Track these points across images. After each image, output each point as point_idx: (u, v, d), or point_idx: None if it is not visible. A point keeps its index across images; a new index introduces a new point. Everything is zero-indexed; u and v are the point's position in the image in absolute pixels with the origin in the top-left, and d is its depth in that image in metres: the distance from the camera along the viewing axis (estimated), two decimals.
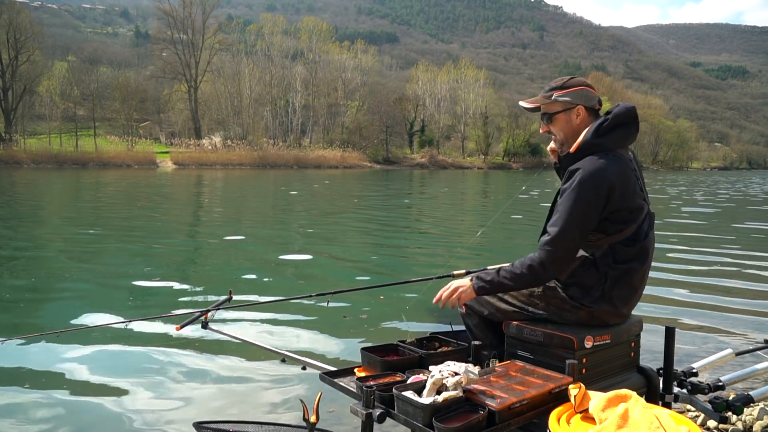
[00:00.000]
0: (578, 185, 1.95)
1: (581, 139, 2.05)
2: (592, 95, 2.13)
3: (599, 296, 2.00)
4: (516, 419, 1.63)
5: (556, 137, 2.17)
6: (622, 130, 2.05)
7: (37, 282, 6.33)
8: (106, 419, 3.01)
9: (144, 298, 5.64)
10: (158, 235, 10.35)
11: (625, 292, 2.03)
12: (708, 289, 6.27)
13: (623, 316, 2.09)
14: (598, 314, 2.03)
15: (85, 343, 4.21)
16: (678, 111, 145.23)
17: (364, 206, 17.31)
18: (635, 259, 2.02)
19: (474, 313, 2.24)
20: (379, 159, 64.21)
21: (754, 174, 79.33)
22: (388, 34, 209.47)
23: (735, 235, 11.32)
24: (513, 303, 2.13)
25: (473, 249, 9.60)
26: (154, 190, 23.56)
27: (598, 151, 2.00)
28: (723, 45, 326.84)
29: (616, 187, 1.95)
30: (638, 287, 2.08)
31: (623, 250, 2.01)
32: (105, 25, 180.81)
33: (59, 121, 55.71)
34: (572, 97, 2.10)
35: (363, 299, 5.53)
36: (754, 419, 2.97)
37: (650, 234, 2.07)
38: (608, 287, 2.00)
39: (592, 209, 1.94)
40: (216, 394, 3.33)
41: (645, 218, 2.05)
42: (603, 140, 2.02)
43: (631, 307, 2.11)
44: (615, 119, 2.04)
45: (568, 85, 2.13)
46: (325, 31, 79.85)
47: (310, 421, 1.84)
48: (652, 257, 2.11)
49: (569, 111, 2.11)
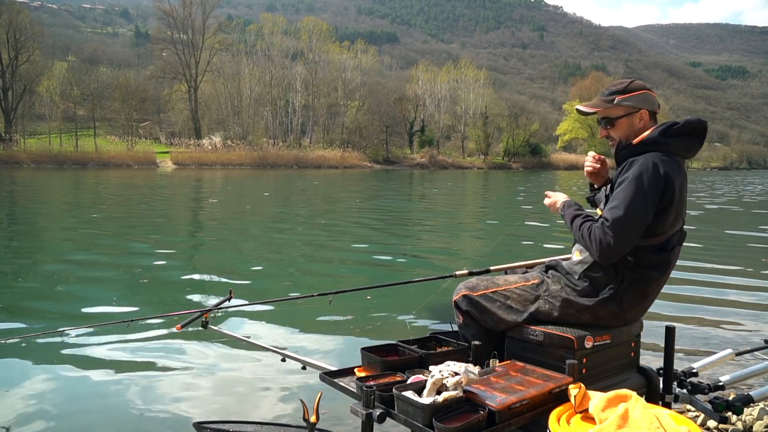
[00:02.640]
0: (641, 175, 1.92)
1: (647, 134, 2.04)
2: (653, 99, 2.12)
3: (610, 296, 1.99)
4: (516, 419, 1.63)
5: (614, 141, 2.15)
6: (687, 139, 2.04)
7: (37, 281, 6.32)
8: (105, 419, 3.01)
9: (144, 297, 5.63)
10: (158, 235, 10.35)
11: (637, 298, 2.01)
12: (708, 289, 6.27)
13: (626, 319, 2.06)
14: (602, 315, 2.01)
15: (84, 342, 4.21)
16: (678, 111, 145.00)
17: (353, 208, 17.30)
18: (656, 267, 2.00)
19: (473, 323, 2.19)
20: (379, 159, 64.17)
21: (754, 174, 79.28)
22: (388, 34, 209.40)
23: (735, 235, 11.31)
24: (517, 310, 2.09)
25: (475, 249, 9.61)
26: (154, 190, 23.56)
27: (660, 150, 1.99)
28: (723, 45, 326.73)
29: (673, 187, 1.93)
30: (650, 296, 2.06)
31: (648, 256, 1.99)
32: (105, 25, 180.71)
33: (59, 121, 55.68)
34: (635, 102, 2.08)
35: (363, 299, 5.52)
36: (754, 419, 2.97)
37: (677, 249, 2.05)
38: (622, 289, 1.98)
39: (650, 201, 1.91)
40: (216, 394, 3.33)
41: (678, 231, 2.04)
42: (668, 141, 2.01)
43: (637, 313, 2.08)
44: (687, 125, 2.03)
45: (630, 89, 2.11)
46: (325, 31, 79.77)
47: (310, 421, 1.84)
48: (671, 271, 2.09)
49: (632, 115, 2.09)
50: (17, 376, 3.57)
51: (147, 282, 6.30)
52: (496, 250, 8.72)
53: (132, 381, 3.51)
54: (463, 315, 2.20)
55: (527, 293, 2.10)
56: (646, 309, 2.11)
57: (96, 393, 3.35)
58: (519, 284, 2.14)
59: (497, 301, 2.11)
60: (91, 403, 3.21)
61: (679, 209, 1.99)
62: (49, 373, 3.64)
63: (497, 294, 2.12)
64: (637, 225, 1.90)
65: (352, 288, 3.23)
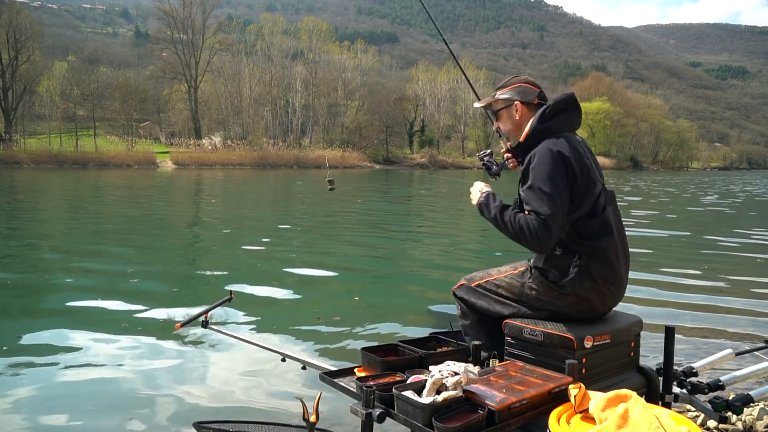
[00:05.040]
0: (538, 163, 2.05)
1: (528, 128, 2.19)
2: (529, 91, 2.27)
3: (577, 273, 2.04)
4: (516, 419, 1.63)
5: (504, 133, 2.35)
6: (565, 115, 2.18)
7: (37, 281, 6.33)
8: (104, 418, 3.01)
9: (144, 297, 5.63)
10: (158, 235, 10.35)
11: (603, 268, 2.05)
12: (708, 289, 6.27)
13: (611, 296, 2.09)
14: (585, 295, 2.04)
15: (84, 342, 4.21)
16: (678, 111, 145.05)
17: (354, 209, 17.30)
18: (599, 233, 2.07)
19: (470, 310, 2.29)
20: (379, 159, 64.17)
21: (754, 174, 79.28)
22: (388, 34, 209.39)
23: (736, 235, 11.32)
24: (507, 297, 2.18)
25: (472, 251, 9.61)
26: (154, 190, 23.56)
27: (547, 136, 2.12)
28: (723, 45, 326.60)
29: (570, 161, 2.04)
30: (616, 263, 2.09)
31: (584, 225, 2.07)
32: (105, 25, 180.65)
33: (59, 121, 55.65)
34: (511, 94, 2.28)
35: (362, 299, 5.53)
36: (754, 419, 2.97)
37: (609, 209, 2.12)
38: (584, 263, 2.04)
39: (562, 183, 2.02)
40: (216, 394, 3.33)
41: (600, 194, 2.12)
42: (548, 125, 2.15)
43: (617, 287, 2.11)
44: (556, 105, 2.17)
45: (508, 83, 2.32)
46: (325, 31, 79.77)
47: (310, 421, 1.84)
48: (622, 234, 2.16)
49: (509, 107, 2.28)
50: (16, 376, 3.57)
51: (147, 281, 6.30)
52: (496, 249, 8.73)
53: (132, 380, 3.51)
54: (460, 304, 2.32)
55: (515, 281, 2.19)
56: (622, 282, 2.13)
57: (95, 392, 3.35)
58: (508, 273, 2.23)
59: (490, 290, 2.23)
60: (90, 403, 3.21)
61: (585, 176, 2.07)
62: (48, 373, 3.64)
63: (489, 283, 2.24)
64: (562, 210, 2.01)
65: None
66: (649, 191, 28.25)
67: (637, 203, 19.89)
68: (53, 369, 3.71)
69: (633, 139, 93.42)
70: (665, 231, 11.72)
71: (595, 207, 2.08)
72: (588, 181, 2.07)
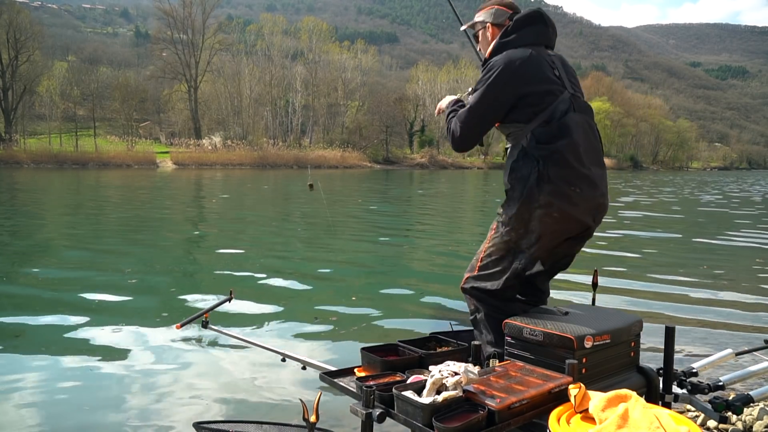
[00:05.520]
0: (487, 71, 2.15)
1: (492, 44, 2.27)
2: (500, 12, 2.33)
3: (536, 179, 2.06)
4: (516, 419, 1.63)
5: (482, 55, 2.38)
6: (529, 29, 2.22)
7: (35, 280, 6.32)
8: (104, 418, 3.01)
9: (144, 296, 5.63)
10: (159, 235, 10.35)
11: (563, 170, 2.06)
12: (708, 289, 6.27)
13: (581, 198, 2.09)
14: (548, 200, 2.05)
15: (83, 341, 4.21)
16: (678, 111, 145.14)
17: (354, 209, 17.30)
18: (556, 136, 2.08)
19: (481, 304, 2.27)
20: (379, 159, 64.20)
21: (754, 175, 79.29)
22: (388, 34, 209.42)
23: (735, 235, 11.31)
24: (502, 257, 2.22)
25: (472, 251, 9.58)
26: (154, 190, 23.56)
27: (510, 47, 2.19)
28: (723, 45, 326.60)
29: (521, 69, 2.09)
30: (578, 165, 2.08)
31: (542, 131, 2.10)
32: (105, 25, 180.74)
33: (59, 121, 55.72)
34: (484, 17, 2.36)
35: (362, 299, 5.53)
36: (754, 419, 2.97)
37: (573, 115, 2.12)
38: (542, 168, 2.06)
39: (501, 90, 2.10)
40: (216, 394, 3.33)
41: (560, 102, 2.13)
42: (509, 39, 2.21)
43: (586, 188, 2.10)
44: (516, 23, 2.23)
45: (483, 6, 2.39)
46: (325, 31, 79.83)
47: (310, 421, 1.84)
48: (589, 138, 2.15)
49: (485, 29, 2.36)
50: (15, 375, 3.57)
51: (147, 281, 6.30)
52: None
53: (131, 380, 3.51)
54: (471, 299, 2.31)
55: (497, 240, 2.24)
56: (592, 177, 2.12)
57: (95, 392, 3.35)
58: (489, 238, 2.29)
59: (488, 265, 2.26)
60: (90, 403, 3.21)
61: (540, 84, 2.11)
62: (48, 372, 3.63)
63: (484, 259, 2.28)
64: (480, 119, 2.16)
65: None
66: (648, 191, 28.26)
67: (638, 203, 19.91)
68: (52, 369, 3.70)
69: (633, 139, 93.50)
70: (665, 231, 11.72)
71: (552, 114, 2.10)
72: (544, 90, 2.11)
